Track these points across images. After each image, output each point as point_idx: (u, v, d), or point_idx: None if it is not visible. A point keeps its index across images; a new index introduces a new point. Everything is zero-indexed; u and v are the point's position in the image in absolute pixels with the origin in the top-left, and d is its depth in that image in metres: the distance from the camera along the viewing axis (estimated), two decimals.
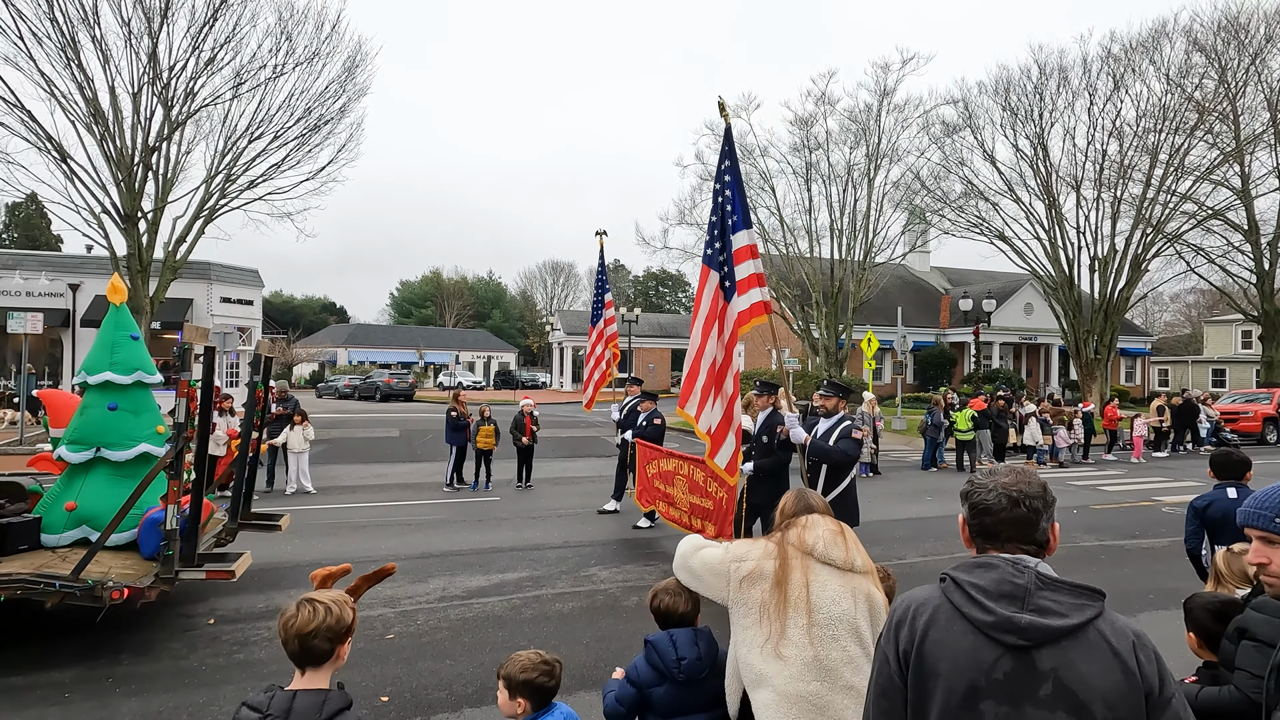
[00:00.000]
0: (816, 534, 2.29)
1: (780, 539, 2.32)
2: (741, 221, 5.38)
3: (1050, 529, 1.50)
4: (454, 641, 5.07)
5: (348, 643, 1.98)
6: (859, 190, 26.47)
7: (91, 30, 15.68)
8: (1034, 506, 1.47)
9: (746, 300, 5.30)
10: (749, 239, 5.38)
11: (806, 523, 2.34)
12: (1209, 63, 22.83)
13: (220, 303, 25.03)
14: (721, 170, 5.47)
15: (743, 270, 5.31)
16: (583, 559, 7.33)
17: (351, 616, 1.98)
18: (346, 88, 19.10)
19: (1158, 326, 62.59)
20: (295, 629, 1.89)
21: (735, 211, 5.38)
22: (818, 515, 2.40)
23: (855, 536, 2.39)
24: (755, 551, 2.33)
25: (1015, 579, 1.39)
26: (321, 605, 1.92)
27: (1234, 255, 25.69)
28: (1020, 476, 1.52)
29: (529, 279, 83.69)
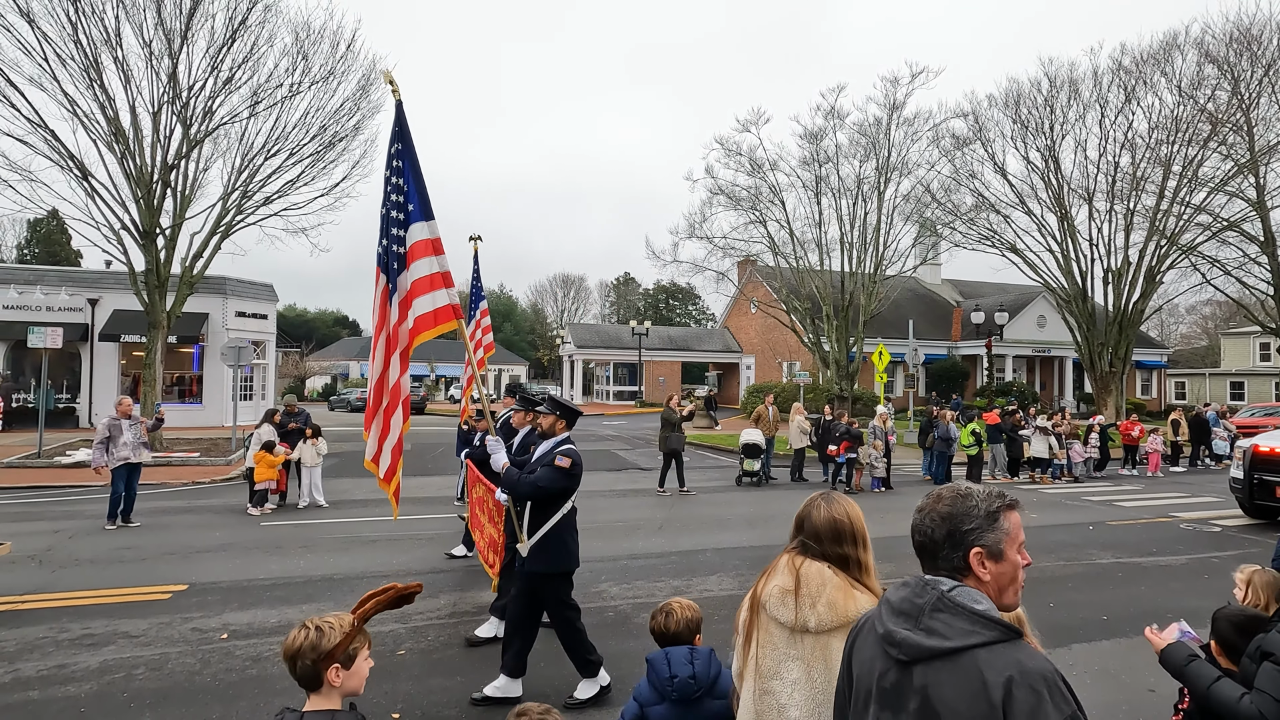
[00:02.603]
0: (771, 584, 2.00)
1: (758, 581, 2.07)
2: (419, 212, 4.55)
3: (969, 556, 1.46)
4: (465, 658, 5.07)
5: (334, 669, 1.88)
6: (869, 203, 26.49)
7: (114, 51, 16.05)
8: (932, 536, 1.49)
9: (430, 303, 4.46)
10: (429, 232, 4.54)
11: (776, 564, 2.05)
12: (1221, 74, 22.73)
13: (235, 317, 25.32)
14: (392, 154, 4.61)
15: (420, 269, 4.49)
16: (593, 575, 7.31)
17: (337, 640, 1.90)
18: (361, 105, 19.41)
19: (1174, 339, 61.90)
20: (283, 651, 1.92)
21: (411, 200, 4.56)
22: (786, 557, 2.05)
23: (827, 579, 1.95)
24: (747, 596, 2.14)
25: (917, 598, 1.45)
26: (307, 628, 1.92)
27: (1250, 267, 25.39)
28: (936, 503, 1.52)
29: (539, 292, 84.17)
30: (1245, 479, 10.66)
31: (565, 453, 4.37)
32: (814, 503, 2.09)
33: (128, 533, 8.98)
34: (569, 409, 4.64)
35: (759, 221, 27.93)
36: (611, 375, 46.35)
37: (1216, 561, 8.24)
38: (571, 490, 4.45)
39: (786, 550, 2.08)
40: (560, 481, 4.34)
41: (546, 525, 4.36)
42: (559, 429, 4.54)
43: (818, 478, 14.79)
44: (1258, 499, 10.51)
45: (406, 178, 4.54)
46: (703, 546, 8.63)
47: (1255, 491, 10.48)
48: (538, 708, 2.23)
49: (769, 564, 2.11)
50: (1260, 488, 10.43)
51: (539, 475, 4.32)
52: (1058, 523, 10.64)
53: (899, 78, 25.30)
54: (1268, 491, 10.35)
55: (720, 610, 6.18)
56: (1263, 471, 10.47)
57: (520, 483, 4.33)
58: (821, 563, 1.96)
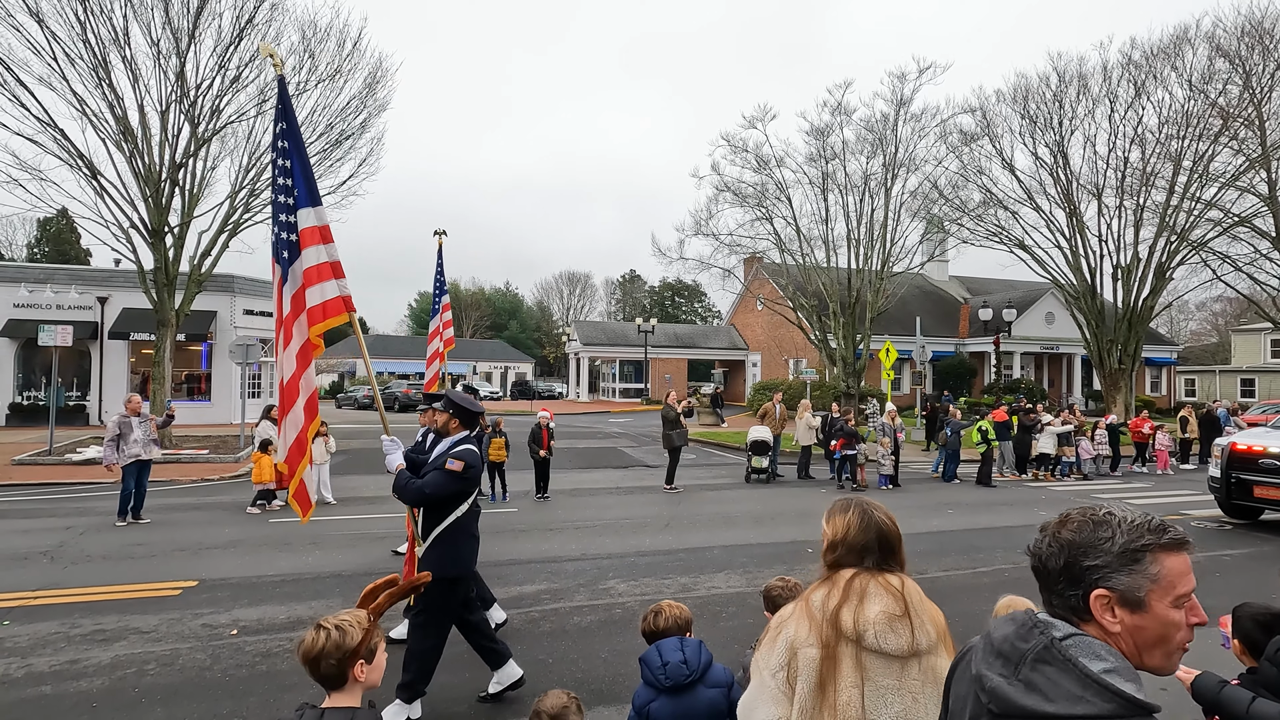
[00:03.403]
0: (872, 609, 1.66)
1: (822, 610, 1.70)
2: (306, 198, 4.28)
3: (1090, 599, 1.19)
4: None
5: (359, 665, 1.91)
6: (876, 200, 26.34)
7: (122, 51, 16.13)
8: (1046, 564, 1.25)
9: (319, 294, 4.22)
10: (317, 219, 4.29)
11: (860, 585, 1.72)
12: (1233, 68, 22.50)
13: (243, 315, 25.45)
14: (277, 134, 4.32)
15: (310, 257, 4.23)
16: (600, 572, 7.32)
17: (359, 637, 1.92)
18: (367, 103, 19.46)
19: (1184, 335, 61.45)
20: (302, 655, 1.92)
21: (297, 184, 4.29)
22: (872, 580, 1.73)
23: (916, 590, 1.75)
24: (795, 631, 1.72)
25: (1021, 640, 1.21)
26: (325, 629, 1.92)
27: (1261, 262, 25.15)
28: (1061, 525, 1.29)
29: (545, 290, 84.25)
30: (1223, 478, 10.41)
31: (459, 455, 4.12)
32: (872, 515, 1.81)
33: (138, 529, 9.04)
34: (464, 408, 4.34)
35: (765, 218, 27.84)
36: (617, 373, 46.35)
37: (1228, 560, 8.18)
38: (467, 493, 4.22)
39: (859, 572, 1.76)
40: (450, 485, 4.08)
41: (438, 529, 4.14)
42: (453, 428, 4.29)
43: (824, 475, 14.76)
44: (1235, 498, 10.29)
45: (292, 159, 4.27)
46: (710, 544, 8.62)
47: (1233, 491, 10.26)
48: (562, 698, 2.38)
49: (825, 590, 1.75)
50: (1238, 487, 10.20)
51: (427, 480, 4.09)
52: None
53: (906, 73, 25.15)
54: (1245, 491, 10.11)
55: (728, 607, 6.18)
56: (1240, 470, 10.20)
57: (407, 488, 4.09)
58: (904, 575, 1.78)
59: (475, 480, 4.22)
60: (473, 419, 4.39)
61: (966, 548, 8.61)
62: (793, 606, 1.76)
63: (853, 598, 1.68)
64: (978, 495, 13.00)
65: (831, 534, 1.82)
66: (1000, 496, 12.91)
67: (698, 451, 19.60)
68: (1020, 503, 12.22)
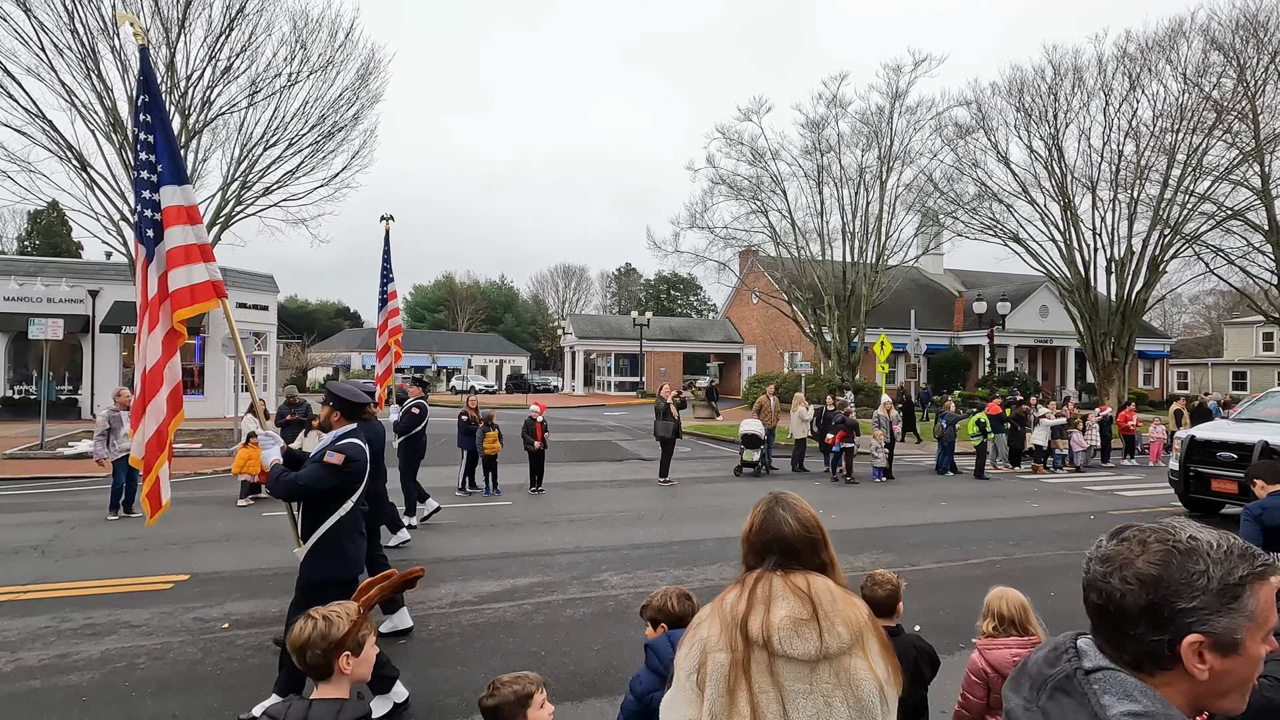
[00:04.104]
0: (778, 614, 1.59)
1: (733, 613, 1.63)
2: (170, 174, 4.04)
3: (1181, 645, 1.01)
4: (466, 647, 5.08)
5: (345, 657, 1.91)
6: (871, 193, 26.36)
7: (111, 40, 15.96)
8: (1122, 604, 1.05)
9: (186, 277, 3.99)
10: (183, 198, 4.06)
11: (765, 589, 1.65)
12: (1227, 61, 22.53)
13: (236, 308, 25.29)
14: (139, 107, 4.08)
15: (174, 237, 3.99)
16: (594, 564, 7.33)
17: (346, 628, 1.92)
18: (360, 95, 19.33)
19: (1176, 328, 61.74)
20: (291, 642, 1.92)
21: (161, 159, 4.03)
22: (780, 578, 1.66)
23: (835, 593, 1.65)
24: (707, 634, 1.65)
25: (1049, 665, 1.11)
26: (313, 619, 1.93)
27: (1254, 256, 25.27)
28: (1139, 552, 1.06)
29: (541, 283, 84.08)
30: (1181, 471, 10.29)
31: (340, 448, 3.86)
32: (774, 515, 1.75)
33: (130, 523, 9.00)
34: (345, 399, 4.09)
35: (760, 211, 27.82)
36: (613, 366, 46.34)
37: None
38: (349, 489, 3.93)
39: (764, 573, 1.69)
40: (328, 479, 3.81)
41: (321, 528, 3.88)
42: (335, 421, 4.07)
43: (819, 468, 14.79)
44: (1194, 492, 10.17)
45: (155, 134, 4.03)
46: (703, 536, 8.64)
47: (1191, 484, 10.14)
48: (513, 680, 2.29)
49: (736, 592, 1.68)
50: (1196, 480, 10.08)
51: (301, 473, 3.84)
52: (1059, 512, 10.64)
53: (901, 66, 25.15)
54: (1203, 484, 9.99)
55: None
56: (1198, 463, 10.07)
57: (279, 482, 3.83)
58: (815, 574, 1.69)
59: (358, 475, 3.93)
60: (356, 410, 4.12)
61: (959, 539, 8.65)
62: (710, 607, 1.70)
63: (759, 601, 1.62)
64: (971, 487, 13.06)
65: (746, 529, 1.78)
66: (994, 489, 12.97)
67: (692, 444, 19.62)
68: (1013, 495, 12.27)
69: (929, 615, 5.73)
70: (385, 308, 10.15)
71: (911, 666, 2.89)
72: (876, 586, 3.08)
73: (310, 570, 3.88)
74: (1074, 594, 5.41)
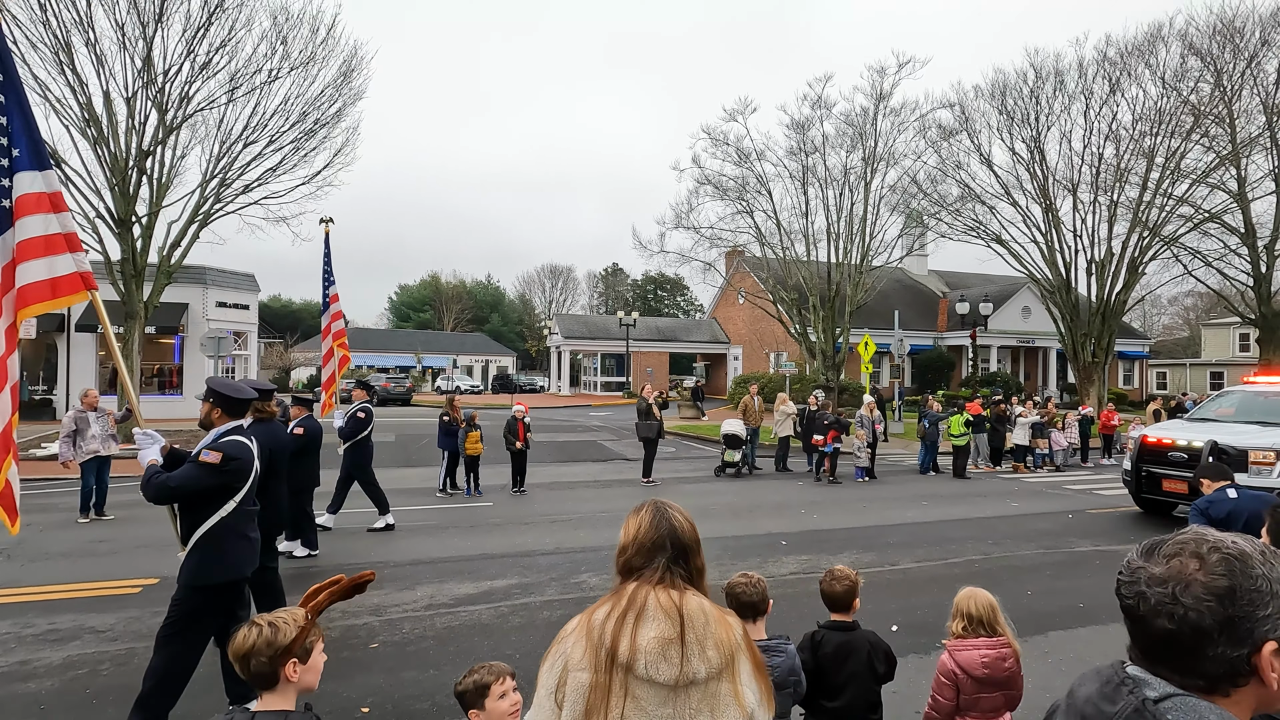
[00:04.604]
0: (645, 635, 1.48)
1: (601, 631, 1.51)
2: (28, 158, 3.80)
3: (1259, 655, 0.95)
4: (439, 651, 5.01)
5: (291, 664, 1.84)
6: (856, 194, 26.48)
7: (85, 34, 15.67)
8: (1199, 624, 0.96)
9: (46, 270, 3.78)
10: (45, 184, 3.82)
11: (639, 605, 1.52)
12: (1205, 66, 22.85)
13: (216, 307, 24.98)
14: None
15: (30, 227, 3.75)
16: (573, 565, 7.27)
17: (293, 635, 1.85)
18: (342, 92, 19.13)
19: (1155, 329, 62.65)
20: (232, 651, 1.85)
21: (17, 142, 3.77)
22: (654, 593, 1.54)
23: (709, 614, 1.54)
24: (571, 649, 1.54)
25: (1107, 703, 1.01)
26: (258, 625, 1.86)
27: (1231, 258, 25.69)
28: (1196, 569, 0.99)
29: (527, 283, 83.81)
30: (1133, 471, 10.21)
31: (218, 445, 3.68)
32: (664, 513, 1.66)
33: (101, 525, 8.83)
34: (227, 395, 3.89)
35: (746, 212, 27.87)
36: (599, 366, 46.26)
37: None
38: (231, 488, 3.73)
39: (642, 582, 1.56)
40: (203, 480, 3.62)
41: (200, 530, 3.70)
42: (216, 419, 3.87)
43: (802, 468, 14.82)
44: (1145, 492, 10.10)
45: (11, 115, 3.75)
46: None
47: (1143, 484, 10.06)
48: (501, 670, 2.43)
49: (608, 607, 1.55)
50: (1148, 480, 10.00)
51: (174, 474, 3.66)
52: (1038, 511, 10.72)
53: (885, 67, 25.27)
54: (1155, 484, 9.90)
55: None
56: (1150, 464, 9.98)
57: (149, 484, 3.63)
58: (690, 591, 1.58)
59: (240, 474, 3.74)
60: (239, 407, 3.92)
61: (940, 539, 8.68)
62: (576, 621, 1.59)
63: (629, 619, 1.51)
64: (952, 487, 13.13)
65: (623, 537, 1.66)
66: (975, 488, 13.05)
67: (677, 445, 19.61)
68: (994, 494, 12.36)
69: (907, 614, 5.73)
70: (328, 311, 9.94)
71: (865, 661, 2.88)
72: (834, 581, 3.05)
73: (189, 574, 3.68)
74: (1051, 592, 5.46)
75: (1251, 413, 10.27)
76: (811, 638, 2.97)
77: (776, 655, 2.61)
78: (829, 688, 2.86)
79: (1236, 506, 4.19)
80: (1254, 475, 8.74)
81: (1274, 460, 8.80)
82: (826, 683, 2.86)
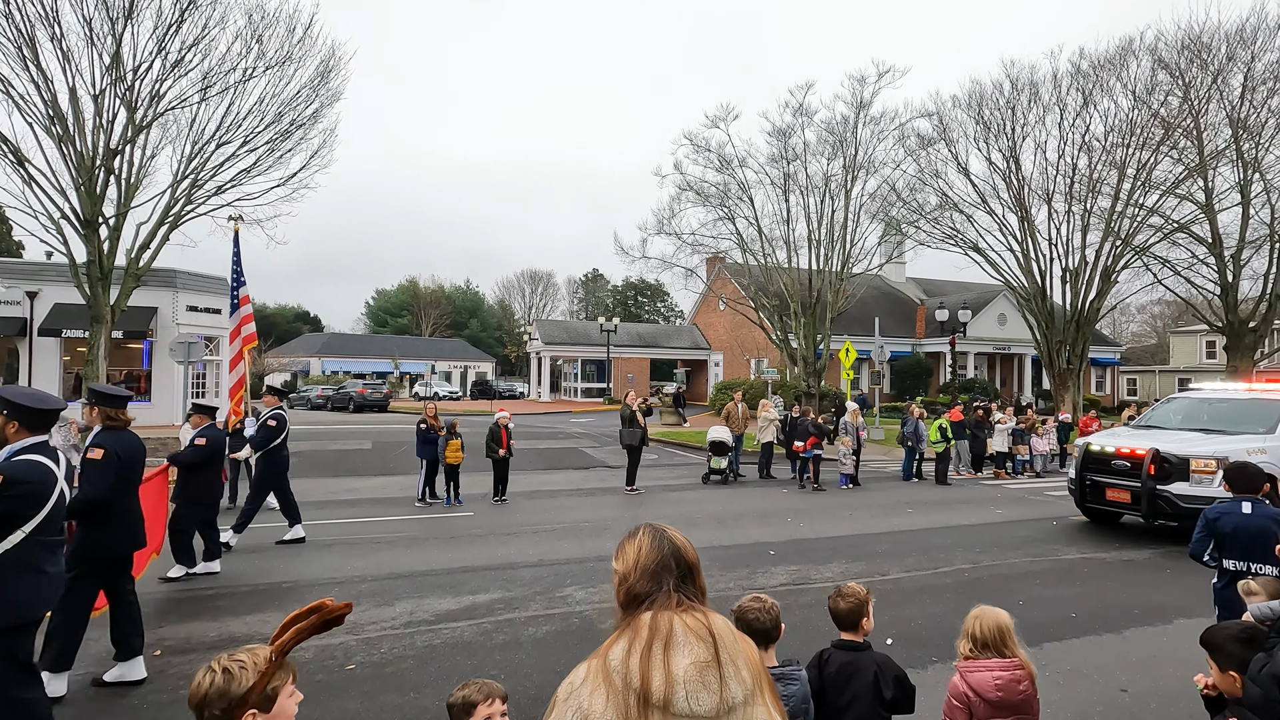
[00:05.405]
0: (680, 664, 1.33)
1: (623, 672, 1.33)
2: None
3: None
4: (419, 672, 4.78)
5: (249, 715, 1.62)
6: (836, 201, 26.64)
7: (50, 29, 15.17)
8: None
9: None
10: None
11: (665, 631, 1.36)
12: (1173, 80, 23.39)
13: (186, 311, 24.30)
14: None
15: None
16: (558, 578, 7.08)
17: (250, 682, 1.63)
18: (320, 93, 18.73)
19: (1125, 337, 64.00)
20: (188, 699, 1.63)
21: None
22: (678, 616, 1.39)
23: (726, 627, 1.43)
24: (589, 705, 1.35)
25: None
26: (213, 671, 1.64)
27: (1199, 268, 26.25)
28: None
29: (507, 288, 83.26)
30: (1078, 479, 9.93)
31: (3, 467, 3.21)
32: (662, 534, 1.54)
33: None
34: (23, 405, 3.41)
35: (728, 218, 27.89)
36: (579, 372, 45.98)
37: (1179, 554, 8.35)
38: (17, 517, 3.19)
39: (659, 608, 1.41)
40: None
41: None
42: (11, 434, 3.38)
43: (785, 474, 14.75)
44: (1089, 501, 9.80)
45: None
46: None
47: (1087, 493, 9.75)
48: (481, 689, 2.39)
49: (625, 643, 1.38)
50: (1092, 489, 9.68)
51: None
52: (1022, 518, 10.74)
53: (865, 76, 25.48)
54: (1099, 493, 9.59)
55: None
56: (1094, 472, 9.67)
57: None
58: (709, 609, 1.47)
59: (29, 500, 3.22)
60: (40, 419, 3.46)
61: (928, 547, 8.62)
62: (586, 667, 1.40)
63: (657, 650, 1.34)
64: (936, 494, 13.14)
65: (621, 567, 1.49)
66: (958, 495, 13.07)
67: (659, 451, 19.45)
68: (977, 501, 12.38)
69: (900, 626, 5.63)
70: (237, 313, 9.50)
71: (870, 683, 2.71)
72: (840, 599, 2.91)
73: None
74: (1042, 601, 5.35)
75: (1196, 420, 10.01)
76: (819, 656, 2.83)
77: (791, 683, 2.46)
78: (831, 709, 2.72)
79: (1244, 523, 3.98)
80: (1195, 484, 8.54)
81: (1215, 469, 8.46)
82: (829, 704, 2.73)
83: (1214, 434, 9.34)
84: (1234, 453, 8.49)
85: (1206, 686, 2.60)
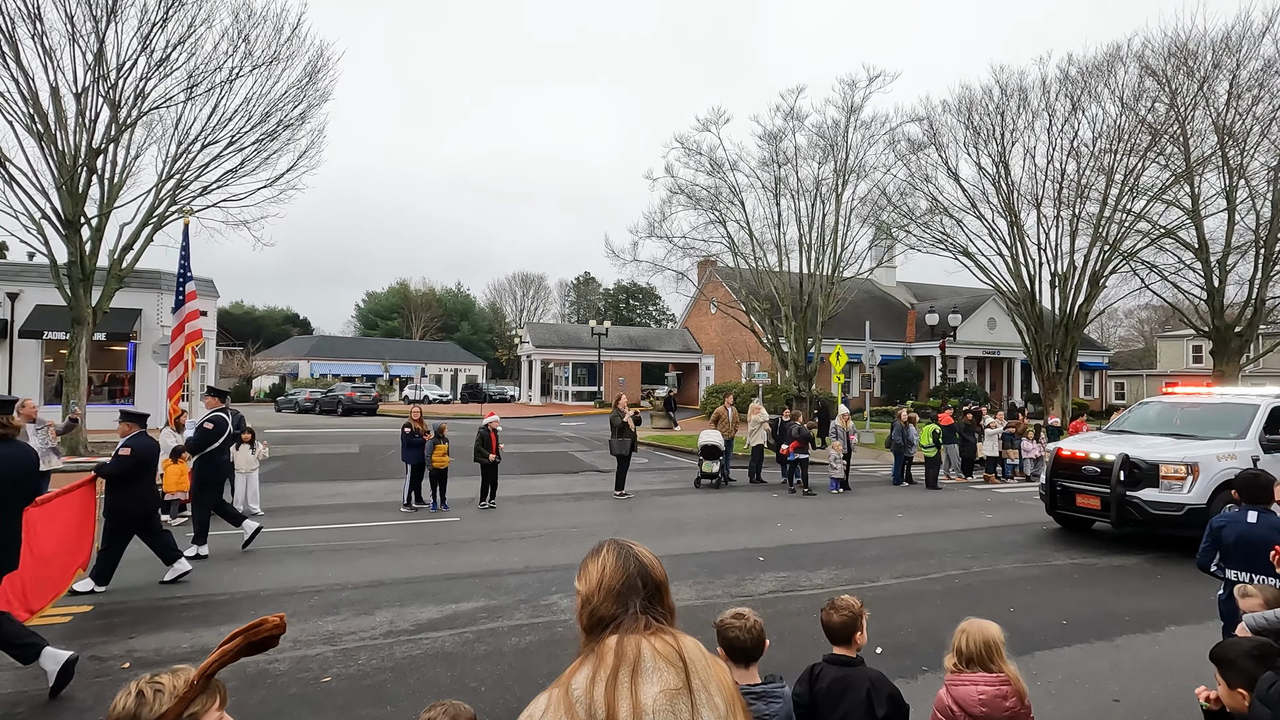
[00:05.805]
0: (649, 692, 1.25)
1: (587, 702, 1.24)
2: None
3: None
4: (398, 684, 4.65)
5: None
6: (827, 205, 26.67)
7: (31, 26, 14.95)
8: None
9: None
10: None
11: (631, 658, 1.28)
12: (1160, 87, 23.58)
13: (171, 313, 24.00)
14: None
15: None
16: (544, 585, 6.95)
17: (165, 708, 1.46)
18: (307, 93, 18.60)
19: (1113, 341, 64.50)
20: None
21: None
22: (645, 640, 1.31)
23: (697, 650, 1.35)
24: None
25: None
26: (127, 694, 1.49)
27: (1185, 273, 26.45)
28: None
29: (498, 291, 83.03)
30: (1048, 484, 9.75)
31: None
32: (627, 551, 1.45)
33: None
34: None
35: (719, 221, 27.87)
36: (571, 375, 45.81)
37: (1169, 560, 8.32)
38: None
39: (625, 632, 1.33)
40: None
41: None
42: None
43: (776, 479, 14.67)
44: (1060, 507, 9.65)
45: None
46: (659, 553, 8.24)
47: (1058, 499, 9.59)
48: None
49: (590, 670, 1.29)
50: (1062, 495, 9.50)
51: None
52: (1012, 522, 10.70)
53: (856, 81, 25.56)
54: (1069, 499, 9.41)
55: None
56: (1064, 478, 9.48)
57: None
58: (680, 631, 1.39)
59: None
60: None
61: (918, 552, 8.55)
62: (546, 698, 1.30)
63: (624, 678, 1.25)
64: (926, 498, 13.10)
65: (584, 588, 1.40)
66: (948, 499, 13.03)
67: (650, 456, 19.34)
68: (968, 505, 12.34)
69: (890, 635, 5.54)
70: (182, 310, 9.16)
71: (862, 701, 2.60)
72: (833, 611, 2.79)
73: None
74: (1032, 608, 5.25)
75: (1168, 425, 9.81)
76: (810, 671, 2.73)
77: (774, 701, 2.36)
78: None
79: (1247, 532, 3.85)
80: (1165, 491, 8.40)
81: (1184, 475, 8.36)
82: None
83: (1185, 439, 9.21)
84: (1204, 458, 8.49)
85: (1209, 700, 2.52)
